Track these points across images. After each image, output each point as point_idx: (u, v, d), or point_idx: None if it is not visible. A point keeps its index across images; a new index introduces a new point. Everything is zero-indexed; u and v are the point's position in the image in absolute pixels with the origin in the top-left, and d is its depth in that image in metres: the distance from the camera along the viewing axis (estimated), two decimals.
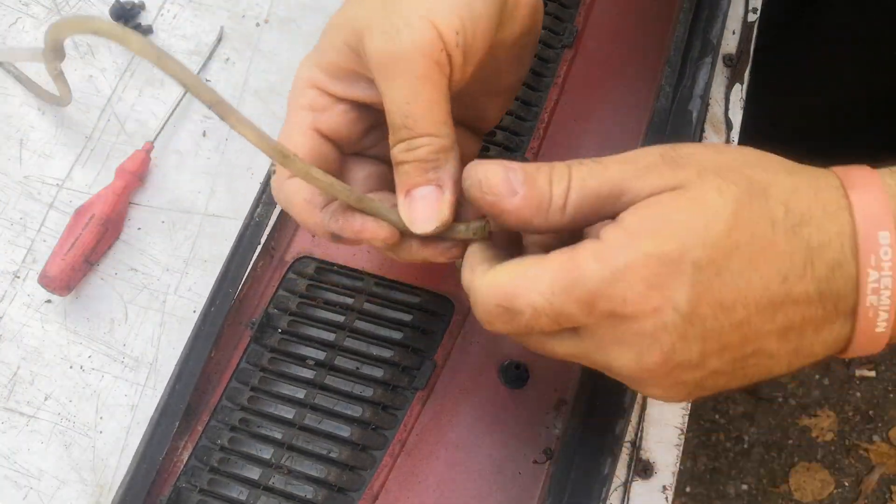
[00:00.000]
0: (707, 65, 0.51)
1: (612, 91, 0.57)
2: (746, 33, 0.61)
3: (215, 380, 0.49)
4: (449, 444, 0.47)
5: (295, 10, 0.66)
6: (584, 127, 0.56)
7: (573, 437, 0.41)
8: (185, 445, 0.48)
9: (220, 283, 0.50)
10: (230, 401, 0.48)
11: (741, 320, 0.31)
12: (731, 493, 1.36)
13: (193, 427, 0.48)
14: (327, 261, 0.52)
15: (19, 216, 0.59)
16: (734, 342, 0.32)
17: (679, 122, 0.49)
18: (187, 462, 0.47)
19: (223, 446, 0.47)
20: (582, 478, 0.39)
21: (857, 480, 1.36)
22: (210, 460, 0.47)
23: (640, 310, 0.31)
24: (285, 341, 0.49)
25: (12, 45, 0.41)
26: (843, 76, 0.77)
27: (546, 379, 0.48)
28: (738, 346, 0.32)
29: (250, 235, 0.51)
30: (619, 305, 0.31)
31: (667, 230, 0.31)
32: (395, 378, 0.48)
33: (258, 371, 0.49)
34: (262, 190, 0.53)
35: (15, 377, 0.54)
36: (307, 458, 0.46)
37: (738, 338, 0.32)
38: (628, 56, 0.58)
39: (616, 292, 0.31)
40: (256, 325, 0.49)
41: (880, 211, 0.31)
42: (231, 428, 0.48)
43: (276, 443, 0.47)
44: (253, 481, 0.46)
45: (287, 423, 0.47)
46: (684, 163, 0.32)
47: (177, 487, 0.46)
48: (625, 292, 0.31)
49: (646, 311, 0.31)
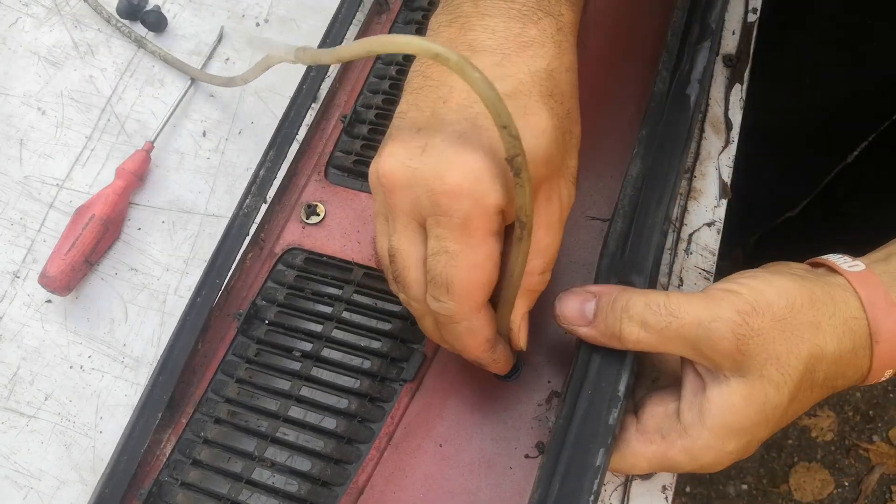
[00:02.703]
0: (706, 49, 0.50)
1: (611, 79, 0.57)
2: (746, 33, 0.61)
3: (200, 372, 0.49)
4: (437, 437, 0.46)
5: (295, 10, 0.66)
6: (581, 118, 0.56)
7: (563, 427, 0.39)
8: (168, 438, 0.47)
9: (207, 275, 0.50)
10: (215, 393, 0.48)
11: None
12: (731, 492, 1.35)
13: (177, 420, 0.48)
14: (316, 252, 0.52)
15: (19, 216, 0.59)
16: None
17: (676, 107, 0.48)
18: (170, 455, 0.47)
19: (207, 439, 0.47)
20: (573, 469, 0.39)
21: (857, 480, 1.36)
22: (193, 453, 0.46)
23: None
24: (272, 332, 0.49)
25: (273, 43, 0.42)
26: (832, 73, 0.78)
27: (538, 371, 0.48)
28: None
29: (238, 226, 0.51)
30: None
31: (741, 430, 0.38)
32: (384, 369, 0.47)
33: (244, 363, 0.49)
34: (252, 181, 0.53)
35: (15, 377, 0.54)
36: (292, 451, 0.46)
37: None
38: (627, 45, 0.58)
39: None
40: (243, 317, 0.49)
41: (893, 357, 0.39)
42: (216, 420, 0.47)
43: (261, 435, 0.46)
44: (236, 475, 0.45)
45: (272, 416, 0.47)
46: (752, 352, 0.37)
47: (158, 481, 0.46)
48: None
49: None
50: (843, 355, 0.38)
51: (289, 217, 0.53)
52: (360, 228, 0.52)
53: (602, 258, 0.44)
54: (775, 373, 0.37)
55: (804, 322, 0.37)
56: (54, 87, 0.63)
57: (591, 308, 0.40)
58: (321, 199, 0.54)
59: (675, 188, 0.46)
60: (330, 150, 0.55)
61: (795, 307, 0.37)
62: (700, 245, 0.54)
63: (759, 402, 0.37)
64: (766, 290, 0.38)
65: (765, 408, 0.38)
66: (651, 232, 0.44)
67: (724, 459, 0.39)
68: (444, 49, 0.32)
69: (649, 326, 0.38)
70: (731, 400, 0.38)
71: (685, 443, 0.39)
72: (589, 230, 0.52)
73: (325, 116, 0.57)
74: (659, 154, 0.46)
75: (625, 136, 0.54)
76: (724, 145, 0.57)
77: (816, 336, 0.37)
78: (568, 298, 0.41)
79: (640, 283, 0.43)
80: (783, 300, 0.37)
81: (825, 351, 0.37)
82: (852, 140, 0.95)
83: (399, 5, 0.60)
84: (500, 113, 0.32)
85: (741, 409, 0.38)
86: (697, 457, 0.39)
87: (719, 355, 0.37)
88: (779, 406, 0.38)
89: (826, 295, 0.38)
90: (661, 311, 0.38)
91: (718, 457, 0.39)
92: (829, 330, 0.37)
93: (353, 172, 0.55)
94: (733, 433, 0.38)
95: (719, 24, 0.52)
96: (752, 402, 0.37)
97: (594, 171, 0.53)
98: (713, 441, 0.38)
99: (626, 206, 0.45)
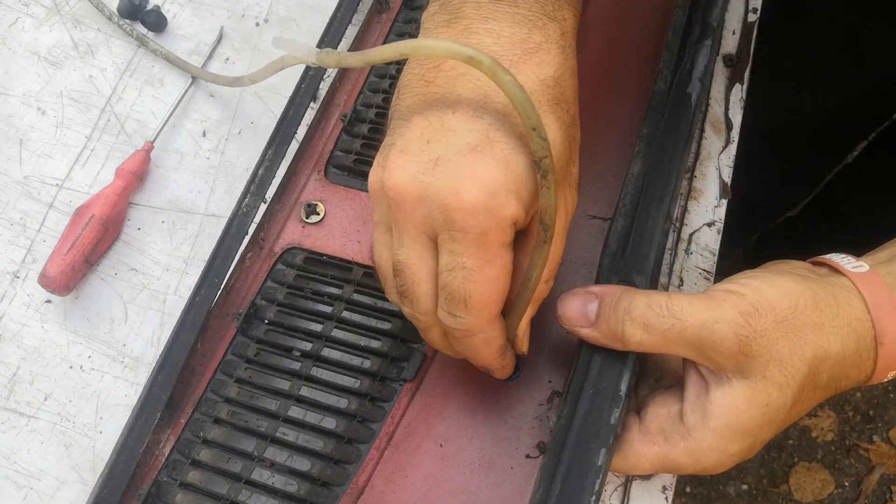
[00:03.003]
0: (706, 48, 0.50)
1: (612, 78, 0.56)
2: (746, 33, 0.61)
3: (200, 372, 0.49)
4: (438, 437, 0.46)
5: (295, 10, 0.66)
6: (582, 116, 0.56)
7: (565, 427, 0.39)
8: (167, 438, 0.47)
9: (206, 274, 0.50)
10: (215, 393, 0.48)
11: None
12: (732, 492, 1.35)
13: (176, 420, 0.48)
14: (316, 251, 0.52)
15: (19, 216, 0.59)
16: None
17: (677, 106, 0.48)
18: (169, 455, 0.47)
19: (206, 439, 0.47)
20: (574, 469, 0.38)
21: (857, 480, 1.36)
22: (192, 454, 0.46)
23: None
24: (272, 332, 0.49)
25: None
26: (832, 73, 0.78)
27: (539, 371, 0.48)
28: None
29: (237, 226, 0.51)
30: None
31: (744, 432, 0.38)
32: (384, 369, 0.47)
33: (244, 363, 0.49)
34: (251, 180, 0.53)
35: (15, 377, 0.54)
36: (292, 452, 0.46)
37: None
38: (628, 44, 0.58)
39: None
40: (243, 316, 0.49)
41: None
42: (215, 420, 0.47)
43: (260, 436, 0.46)
44: (235, 475, 0.45)
45: (272, 416, 0.47)
46: (754, 353, 0.37)
47: (157, 481, 0.46)
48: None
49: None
50: (846, 357, 0.38)
51: (288, 216, 0.53)
52: (360, 228, 0.52)
53: (603, 257, 0.44)
54: (778, 374, 0.37)
55: (807, 323, 0.37)
56: (54, 87, 0.63)
57: (594, 309, 0.40)
58: (321, 198, 0.54)
59: (677, 187, 0.46)
60: (330, 150, 0.55)
61: (798, 308, 0.37)
62: (700, 245, 0.54)
63: (762, 404, 0.37)
64: (768, 290, 0.38)
65: (768, 409, 0.38)
66: (652, 231, 0.44)
67: (727, 461, 0.39)
68: (477, 52, 0.33)
69: (652, 328, 0.38)
70: (733, 402, 0.38)
71: (688, 444, 0.39)
72: (590, 229, 0.52)
73: (325, 115, 0.57)
74: (660, 153, 0.46)
75: (626, 134, 0.53)
76: (724, 145, 0.57)
77: (820, 337, 0.37)
78: (570, 299, 0.41)
79: (641, 282, 0.43)
80: (786, 301, 0.37)
81: (829, 352, 0.37)
82: (852, 140, 0.95)
83: (399, 4, 0.60)
84: (531, 115, 0.33)
85: (744, 411, 0.38)
86: (700, 459, 0.39)
87: (722, 357, 0.37)
88: (782, 408, 0.38)
89: (829, 296, 0.38)
90: (664, 312, 0.38)
91: (721, 458, 0.39)
92: (832, 331, 0.37)
93: (353, 171, 0.54)
94: (736, 435, 0.38)
95: (720, 23, 0.52)
96: (755, 403, 0.37)
97: (595, 170, 0.53)
98: (716, 443, 0.38)
99: (627, 206, 0.45)
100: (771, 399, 0.37)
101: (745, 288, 0.38)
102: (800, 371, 0.37)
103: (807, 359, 0.37)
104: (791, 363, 0.37)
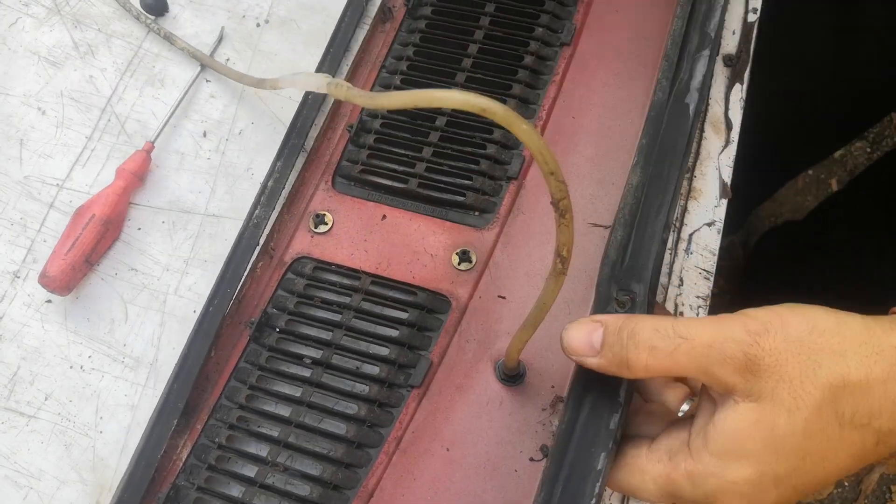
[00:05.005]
0: (705, 58, 0.50)
1: (611, 88, 0.57)
2: (746, 33, 0.61)
3: (214, 379, 0.50)
4: (444, 441, 0.47)
5: (295, 11, 0.66)
6: (581, 123, 0.56)
7: (567, 432, 0.40)
8: (184, 444, 0.48)
9: (219, 284, 0.51)
10: (229, 399, 0.49)
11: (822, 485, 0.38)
12: None
13: (193, 426, 0.49)
14: (325, 260, 0.52)
15: (19, 216, 0.59)
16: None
17: (675, 116, 0.48)
18: (186, 460, 0.48)
19: (221, 444, 0.48)
20: (575, 473, 0.39)
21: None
22: (208, 458, 0.47)
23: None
24: (283, 340, 0.50)
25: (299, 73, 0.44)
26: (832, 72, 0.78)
27: (543, 376, 0.48)
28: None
29: (249, 236, 0.52)
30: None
31: (748, 456, 0.36)
32: (392, 376, 0.48)
33: (256, 370, 0.50)
34: (261, 191, 0.53)
35: (15, 377, 0.54)
36: (303, 456, 0.47)
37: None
38: (627, 53, 0.58)
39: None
40: (255, 325, 0.50)
41: None
42: (229, 426, 0.48)
43: (273, 441, 0.47)
44: (249, 479, 0.46)
45: (284, 422, 0.48)
46: (763, 373, 0.35)
47: (175, 485, 0.47)
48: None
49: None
50: (871, 385, 0.35)
51: (297, 226, 0.54)
52: (367, 237, 0.53)
53: (603, 267, 0.45)
54: (787, 397, 0.35)
55: (825, 347, 0.35)
56: (54, 87, 0.63)
57: (598, 338, 0.39)
58: (329, 208, 0.54)
59: (675, 197, 0.46)
60: (337, 160, 0.56)
61: (817, 330, 0.35)
62: (700, 245, 0.54)
63: (766, 428, 0.35)
64: (784, 311, 0.36)
65: (773, 434, 0.35)
66: (651, 241, 0.45)
67: (728, 490, 0.37)
68: (491, 102, 0.32)
69: (658, 351, 0.37)
70: (736, 424, 0.36)
71: (688, 466, 0.38)
72: (591, 237, 0.52)
73: (331, 126, 0.57)
74: (658, 164, 0.47)
75: (626, 143, 0.54)
76: (724, 145, 0.57)
77: (838, 363, 0.35)
78: (574, 330, 0.40)
79: (639, 290, 0.43)
80: (804, 323, 0.35)
81: (847, 379, 0.35)
82: (852, 139, 0.95)
83: (402, 14, 0.60)
84: (549, 161, 0.33)
85: (745, 432, 0.36)
86: (699, 483, 0.37)
87: (730, 376, 0.36)
88: (791, 435, 0.35)
89: (863, 327, 0.36)
90: (670, 333, 0.37)
91: (721, 485, 0.37)
92: (854, 358, 0.35)
93: (359, 181, 0.55)
94: (735, 458, 0.36)
95: (718, 33, 0.53)
96: (759, 426, 0.36)
97: (596, 178, 0.54)
98: (713, 466, 0.37)
99: (626, 216, 0.46)
100: (777, 423, 0.35)
101: (759, 311, 0.37)
102: (812, 396, 0.35)
103: (820, 384, 0.35)
104: (802, 386, 0.35)
